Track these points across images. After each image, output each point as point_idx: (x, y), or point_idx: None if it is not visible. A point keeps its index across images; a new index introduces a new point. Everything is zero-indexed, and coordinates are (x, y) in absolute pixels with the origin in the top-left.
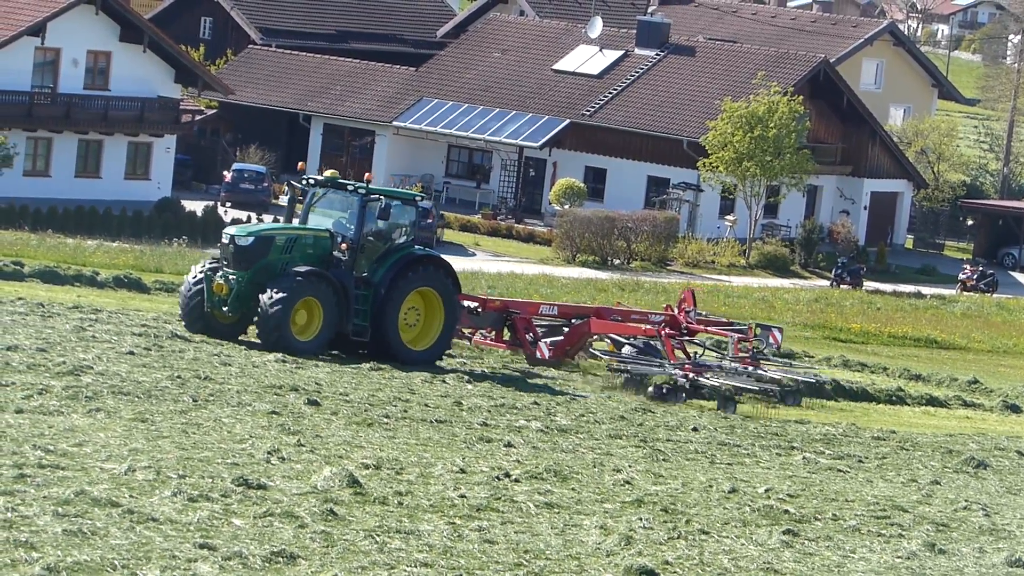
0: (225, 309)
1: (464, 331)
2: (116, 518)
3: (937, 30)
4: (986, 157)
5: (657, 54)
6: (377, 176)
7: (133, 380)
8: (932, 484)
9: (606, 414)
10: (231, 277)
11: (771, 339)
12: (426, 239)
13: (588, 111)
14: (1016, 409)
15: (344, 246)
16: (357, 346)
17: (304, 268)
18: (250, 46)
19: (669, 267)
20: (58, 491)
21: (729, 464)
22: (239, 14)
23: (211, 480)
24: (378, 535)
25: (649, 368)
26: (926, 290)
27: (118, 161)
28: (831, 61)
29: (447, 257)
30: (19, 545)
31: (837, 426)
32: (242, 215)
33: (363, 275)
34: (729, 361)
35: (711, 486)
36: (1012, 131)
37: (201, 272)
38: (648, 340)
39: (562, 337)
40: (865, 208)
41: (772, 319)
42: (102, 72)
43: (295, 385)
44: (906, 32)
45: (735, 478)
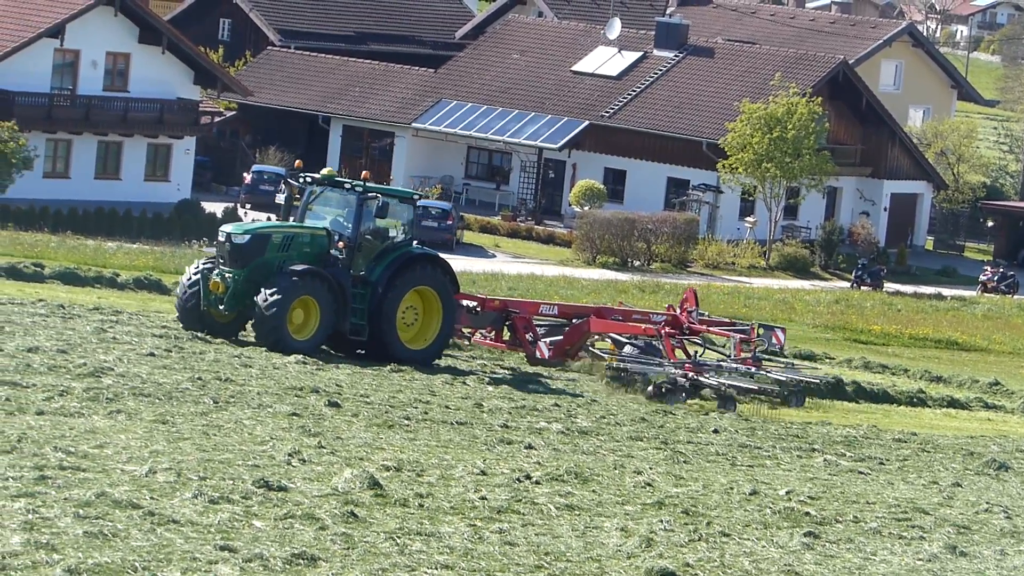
0: (221, 308)
1: (464, 331)
2: (137, 520)
3: (956, 31)
4: (1006, 158)
5: (676, 55)
6: (396, 178)
7: (154, 382)
8: (953, 486)
9: (627, 416)
10: (227, 275)
11: (774, 339)
12: (446, 241)
13: (607, 112)
14: None
15: (341, 244)
16: (355, 345)
17: (301, 267)
18: (269, 48)
19: (689, 269)
20: (79, 493)
21: (750, 466)
22: (258, 16)
23: (232, 482)
24: (399, 537)
25: (647, 367)
26: (946, 291)
27: (138, 163)
28: (850, 62)
29: (466, 259)
30: (40, 547)
31: (858, 428)
32: (261, 216)
33: (360, 274)
34: (731, 361)
35: (732, 488)
36: None
37: (197, 270)
38: (649, 340)
39: (561, 337)
40: (885, 209)
41: (793, 321)
42: (121, 74)
43: (315, 387)
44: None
45: (756, 480)
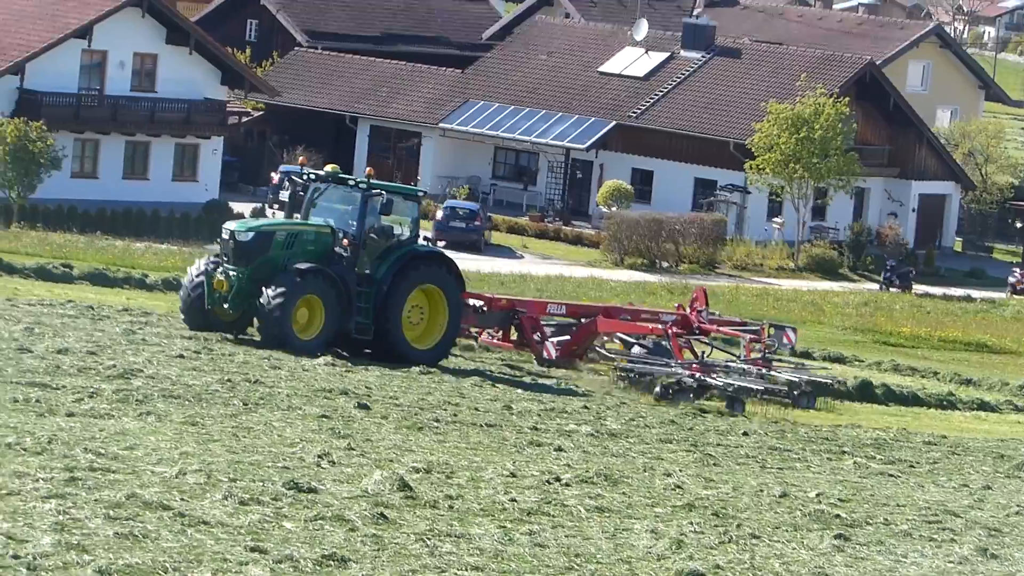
0: (226, 306)
1: (471, 330)
2: (167, 521)
3: (983, 32)
4: None
5: (703, 56)
6: (424, 178)
7: (183, 383)
8: (984, 489)
9: (656, 418)
10: (231, 274)
11: (785, 339)
12: (474, 241)
13: (634, 113)
14: None
15: (346, 242)
16: (360, 345)
17: (305, 265)
18: (296, 48)
19: (717, 270)
20: (109, 494)
21: (780, 468)
22: (285, 17)
23: (262, 483)
24: (429, 539)
25: (655, 368)
26: (975, 293)
27: (165, 163)
28: (877, 63)
29: (494, 260)
30: (71, 548)
31: (888, 431)
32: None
33: (365, 272)
34: (740, 361)
35: (762, 490)
36: None
37: (202, 269)
38: (658, 340)
39: (568, 336)
40: (913, 210)
41: (821, 323)
42: (149, 74)
43: (345, 389)
44: (952, 34)
45: (786, 482)
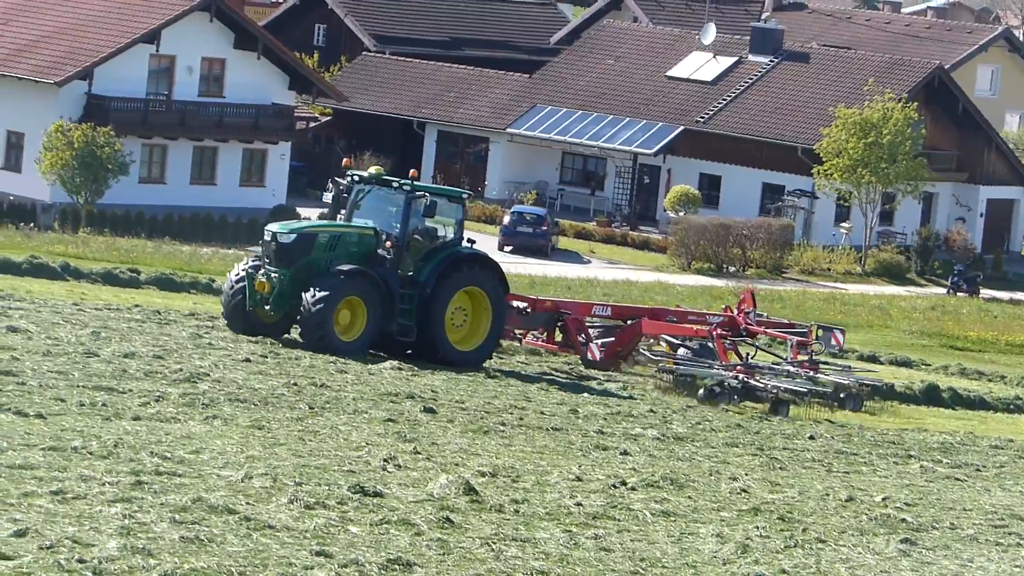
0: (267, 308)
1: (515, 332)
2: (233, 525)
3: None
4: None
5: (771, 60)
6: (491, 183)
7: (249, 387)
8: None
9: (722, 422)
10: (273, 275)
11: (833, 340)
12: (541, 247)
13: (702, 118)
14: None
15: (389, 244)
16: (403, 347)
17: (347, 266)
18: (364, 53)
19: (785, 275)
20: (175, 498)
21: (846, 472)
22: (353, 21)
23: (327, 487)
24: (494, 543)
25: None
26: None
27: (233, 168)
28: (945, 67)
29: (561, 264)
30: (137, 552)
31: (955, 435)
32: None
33: (409, 274)
34: (787, 363)
35: (828, 494)
36: None
37: (243, 270)
38: (703, 342)
39: (613, 338)
40: (981, 215)
41: (888, 327)
42: (216, 79)
43: (411, 392)
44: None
45: (852, 486)
